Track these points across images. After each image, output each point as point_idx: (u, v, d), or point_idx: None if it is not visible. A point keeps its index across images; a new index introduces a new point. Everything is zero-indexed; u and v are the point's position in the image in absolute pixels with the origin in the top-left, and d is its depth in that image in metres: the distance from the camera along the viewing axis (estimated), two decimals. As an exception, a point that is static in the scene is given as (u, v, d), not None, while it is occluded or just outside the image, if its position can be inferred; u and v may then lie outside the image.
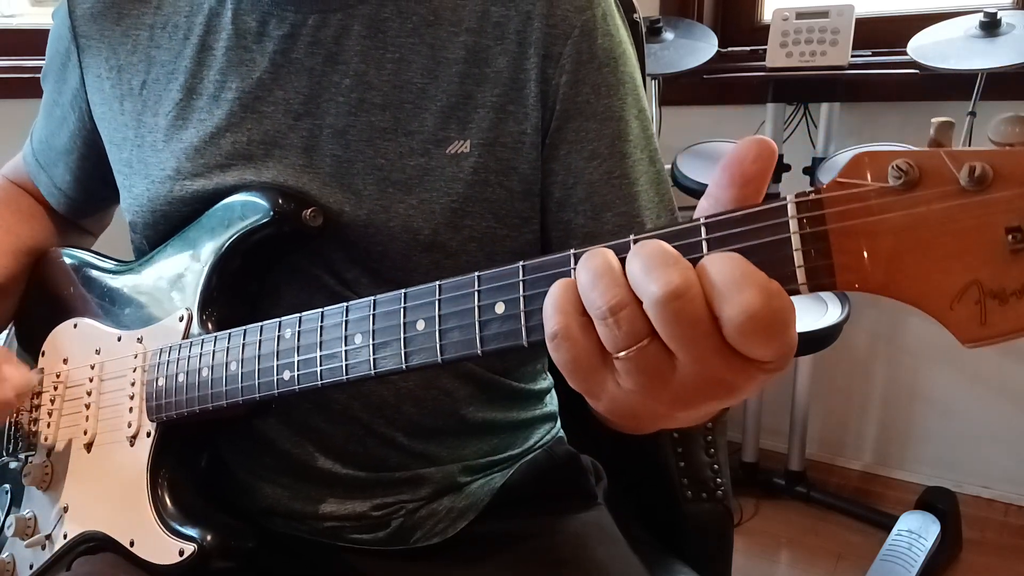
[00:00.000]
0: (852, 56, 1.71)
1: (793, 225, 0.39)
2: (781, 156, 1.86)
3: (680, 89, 1.93)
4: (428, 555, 0.74)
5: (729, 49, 1.93)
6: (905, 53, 1.63)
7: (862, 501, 1.99)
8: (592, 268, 0.40)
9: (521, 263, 0.46)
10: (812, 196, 0.39)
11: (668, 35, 1.87)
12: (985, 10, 1.57)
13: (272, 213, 0.66)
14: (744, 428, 2.08)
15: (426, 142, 0.67)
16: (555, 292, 0.41)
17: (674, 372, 0.39)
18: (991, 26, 1.56)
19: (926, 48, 1.61)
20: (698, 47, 1.84)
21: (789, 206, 0.39)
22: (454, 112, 0.67)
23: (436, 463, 0.75)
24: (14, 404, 0.73)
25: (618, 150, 0.69)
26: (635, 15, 0.92)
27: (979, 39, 1.57)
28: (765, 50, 1.78)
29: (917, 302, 0.37)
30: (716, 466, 0.90)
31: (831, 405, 2.13)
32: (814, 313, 1.72)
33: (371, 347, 0.54)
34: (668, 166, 1.80)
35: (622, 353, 0.39)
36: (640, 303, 0.39)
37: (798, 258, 0.39)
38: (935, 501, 1.81)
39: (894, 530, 1.75)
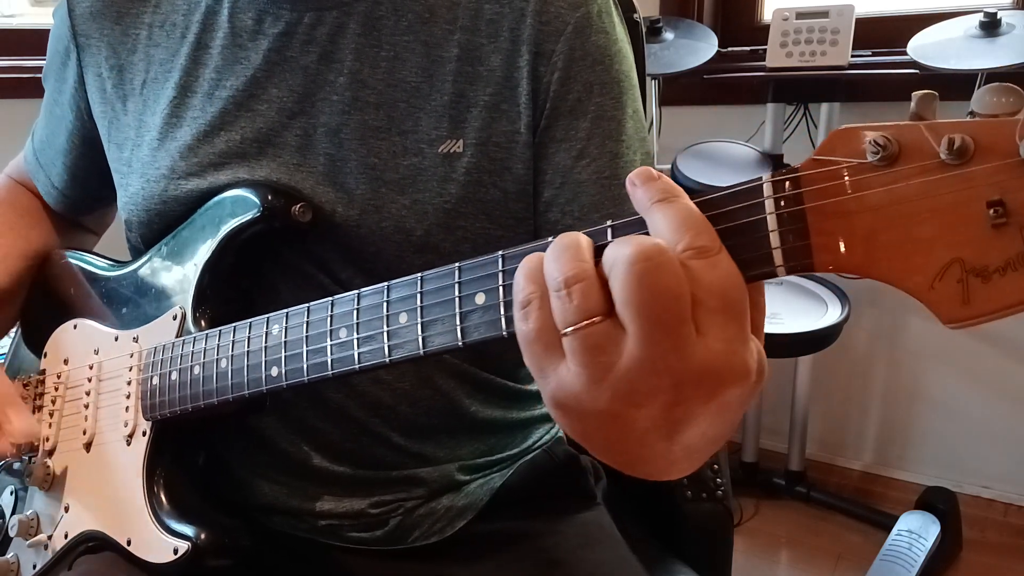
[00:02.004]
0: (852, 56, 1.71)
1: (769, 205, 0.37)
2: (781, 156, 1.86)
3: (680, 89, 1.93)
4: (426, 554, 0.74)
5: (729, 49, 1.93)
6: (905, 53, 1.63)
7: (862, 501, 1.98)
8: (557, 244, 0.39)
9: (501, 253, 0.45)
10: (788, 175, 0.37)
11: (668, 35, 1.87)
12: (985, 10, 1.57)
13: (261, 209, 0.66)
14: (744, 428, 2.08)
15: (419, 141, 0.67)
16: (526, 263, 0.40)
17: (620, 357, 0.37)
18: (991, 26, 1.56)
19: (926, 48, 1.61)
20: (698, 47, 1.84)
21: (765, 186, 0.38)
22: (447, 111, 0.67)
23: (433, 463, 0.75)
24: (13, 455, 0.73)
25: (609, 150, 0.68)
26: (635, 15, 0.92)
27: (979, 39, 1.57)
28: (765, 50, 1.78)
29: (897, 282, 0.36)
30: (716, 466, 0.90)
31: (831, 405, 2.13)
32: (814, 313, 1.72)
33: (355, 341, 0.53)
34: (668, 166, 1.80)
35: (569, 329, 0.37)
36: (600, 282, 0.38)
37: (774, 239, 0.37)
38: (935, 501, 1.80)
39: (894, 530, 1.75)
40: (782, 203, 0.37)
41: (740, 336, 0.37)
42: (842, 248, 0.36)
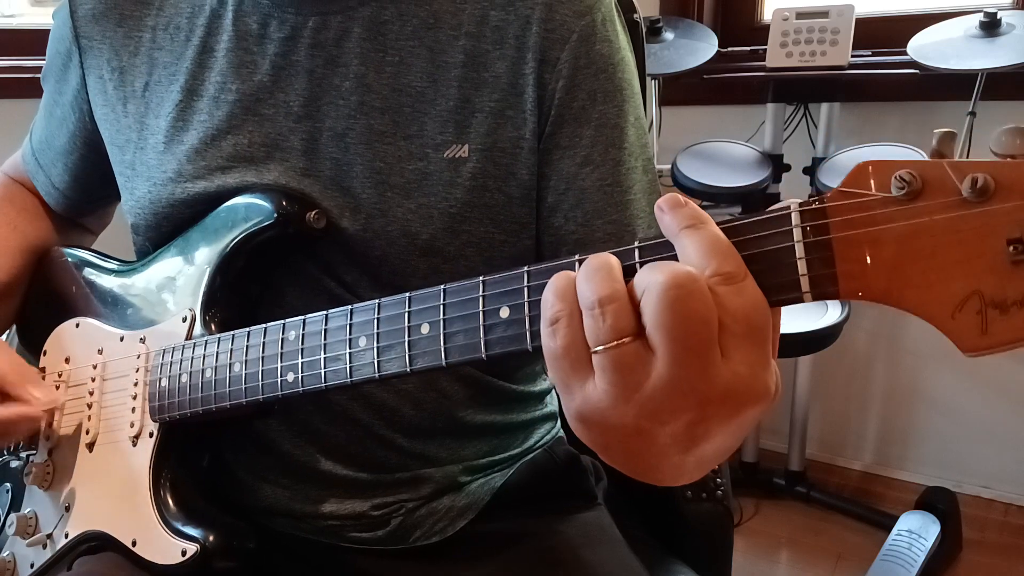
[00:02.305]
0: (852, 56, 1.71)
1: (797, 234, 0.39)
2: (781, 156, 1.86)
3: (680, 89, 1.93)
4: (427, 554, 0.74)
5: (729, 49, 1.93)
6: (905, 53, 1.63)
7: (862, 501, 1.99)
8: (589, 264, 0.41)
9: (526, 268, 0.46)
10: (816, 205, 0.39)
11: (668, 35, 1.87)
12: (985, 10, 1.57)
13: (276, 215, 0.67)
14: (744, 428, 2.08)
15: (425, 146, 0.67)
16: (556, 281, 0.41)
17: (648, 377, 0.38)
18: (991, 26, 1.56)
19: (926, 48, 1.61)
20: (698, 47, 1.84)
21: (793, 215, 0.39)
22: (453, 116, 0.67)
23: (436, 464, 0.75)
24: (38, 422, 0.75)
25: (612, 157, 0.68)
26: (635, 15, 0.92)
27: (979, 39, 1.57)
28: (765, 50, 1.78)
29: (919, 311, 0.37)
30: (716, 466, 0.91)
31: (831, 405, 2.13)
32: (814, 313, 1.72)
33: (375, 350, 0.54)
34: (668, 166, 1.81)
35: (600, 348, 0.39)
36: (632, 303, 0.39)
37: (802, 267, 0.39)
38: (935, 501, 1.81)
39: (894, 530, 1.75)
40: (809, 231, 0.39)
41: (762, 361, 0.39)
42: (867, 277, 0.38)
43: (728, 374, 0.38)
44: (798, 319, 1.69)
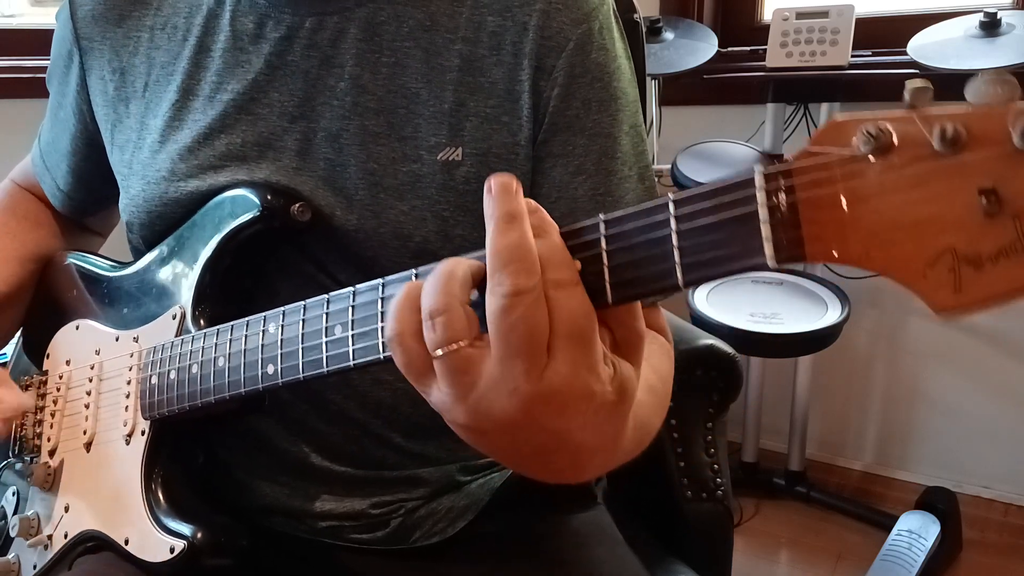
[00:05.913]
0: (852, 56, 1.71)
1: (761, 197, 0.37)
2: (781, 156, 1.86)
3: (680, 89, 1.93)
4: (427, 554, 0.74)
5: (729, 49, 1.93)
6: (905, 53, 1.63)
7: (862, 501, 1.98)
8: (432, 275, 0.43)
9: None
10: (780, 167, 0.37)
11: (668, 35, 1.87)
12: (985, 10, 1.57)
13: (261, 209, 0.67)
14: (744, 428, 2.08)
15: (419, 148, 0.67)
16: (398, 297, 0.43)
17: (480, 377, 0.41)
18: (991, 26, 1.56)
19: (926, 48, 1.61)
20: (698, 47, 1.84)
21: (756, 177, 0.37)
22: (447, 119, 0.67)
23: (434, 463, 0.75)
24: (4, 433, 0.75)
25: (604, 167, 0.68)
26: (635, 15, 0.92)
27: (979, 39, 1.57)
28: (765, 50, 1.78)
29: (889, 271, 0.35)
30: (716, 466, 0.91)
31: (831, 405, 2.13)
32: (814, 313, 1.72)
33: (350, 338, 0.53)
34: (668, 166, 1.81)
35: (439, 352, 0.41)
36: (465, 310, 0.41)
37: (765, 231, 0.37)
38: (935, 501, 1.80)
39: (894, 530, 1.75)
40: (774, 195, 0.37)
41: (587, 362, 0.40)
42: (834, 239, 0.36)
43: (551, 373, 0.40)
44: (798, 319, 1.69)
